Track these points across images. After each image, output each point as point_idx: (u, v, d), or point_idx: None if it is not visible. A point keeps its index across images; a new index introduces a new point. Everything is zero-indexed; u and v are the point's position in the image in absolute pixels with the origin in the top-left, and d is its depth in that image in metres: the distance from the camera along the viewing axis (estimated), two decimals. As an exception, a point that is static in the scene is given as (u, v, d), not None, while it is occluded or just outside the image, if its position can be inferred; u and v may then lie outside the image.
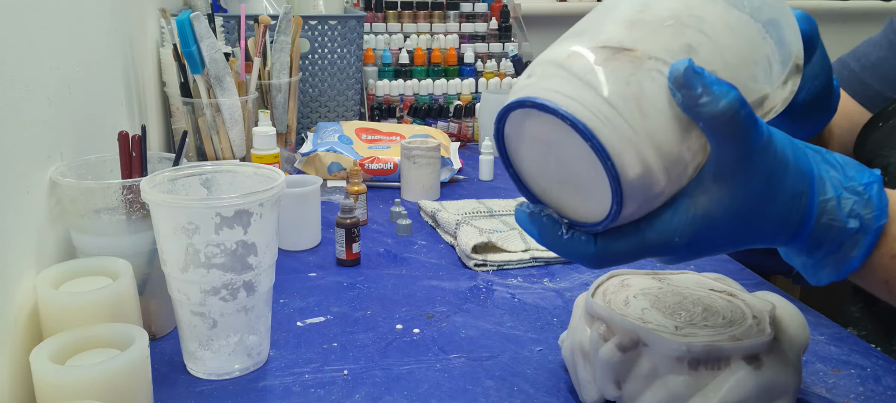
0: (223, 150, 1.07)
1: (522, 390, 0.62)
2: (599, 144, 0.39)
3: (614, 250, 0.44)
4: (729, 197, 0.42)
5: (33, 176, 0.63)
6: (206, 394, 0.61)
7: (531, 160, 0.46)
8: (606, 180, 0.41)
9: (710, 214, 0.42)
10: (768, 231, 0.44)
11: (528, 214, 0.47)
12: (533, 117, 0.43)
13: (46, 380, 0.51)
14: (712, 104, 0.39)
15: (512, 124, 0.45)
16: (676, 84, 0.39)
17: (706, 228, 0.42)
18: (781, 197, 0.43)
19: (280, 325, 0.73)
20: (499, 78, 1.59)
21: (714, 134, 0.40)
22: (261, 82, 1.23)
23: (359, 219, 0.88)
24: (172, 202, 0.59)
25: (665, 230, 0.42)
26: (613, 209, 0.41)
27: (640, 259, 0.45)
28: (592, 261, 0.45)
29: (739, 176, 0.41)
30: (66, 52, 0.74)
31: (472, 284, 0.84)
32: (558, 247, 0.46)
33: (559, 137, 0.42)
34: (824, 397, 0.61)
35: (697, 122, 0.40)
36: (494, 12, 1.65)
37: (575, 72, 0.41)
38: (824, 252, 0.45)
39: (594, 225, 0.44)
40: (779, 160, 0.42)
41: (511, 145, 0.47)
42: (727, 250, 0.45)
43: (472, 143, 1.55)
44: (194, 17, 1.00)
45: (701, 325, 0.56)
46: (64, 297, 0.59)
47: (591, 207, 0.44)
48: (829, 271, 0.46)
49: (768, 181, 0.42)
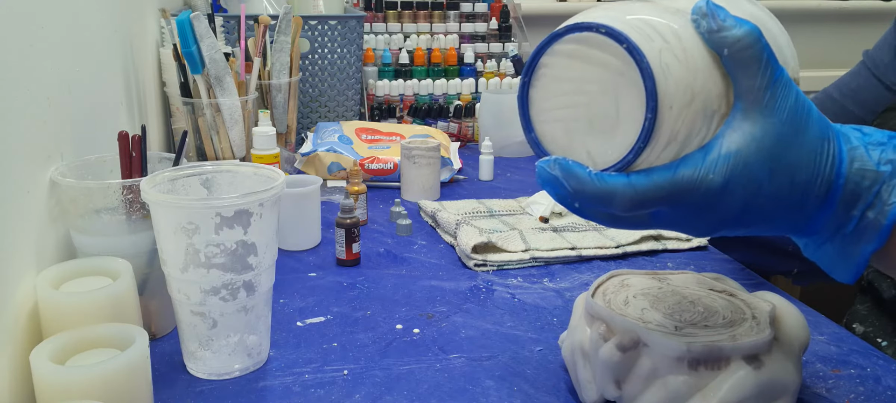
0: (223, 150, 1.07)
1: (522, 390, 0.62)
2: (635, 47, 0.41)
3: (645, 186, 0.42)
4: (759, 130, 0.42)
5: (33, 176, 0.63)
6: (206, 394, 0.61)
7: (559, 106, 0.46)
8: (641, 100, 0.42)
9: (741, 151, 0.42)
10: (802, 177, 0.43)
11: (551, 161, 0.45)
12: (564, 55, 0.45)
13: (46, 380, 0.51)
14: (734, 29, 0.42)
15: (544, 69, 0.47)
16: (700, 14, 0.43)
17: (740, 167, 0.42)
18: (809, 137, 0.43)
19: (280, 325, 0.73)
20: (499, 78, 1.59)
21: (737, 63, 0.42)
22: (261, 82, 1.23)
23: (359, 219, 0.88)
24: (172, 202, 0.59)
25: (698, 165, 0.42)
26: (648, 118, 0.41)
27: (673, 204, 0.43)
28: (621, 201, 0.43)
29: (767, 107, 0.42)
30: (66, 52, 0.74)
31: (472, 284, 0.84)
32: (585, 193, 0.44)
33: (592, 67, 0.44)
34: (824, 397, 0.61)
35: (721, 51, 0.42)
36: (494, 12, 1.65)
37: (616, 7, 0.44)
38: (863, 205, 0.44)
39: (625, 155, 0.43)
40: (800, 100, 0.43)
41: (536, 97, 0.47)
42: (764, 203, 0.44)
43: (472, 143, 1.55)
44: (194, 17, 1.00)
45: (701, 325, 0.56)
46: (64, 297, 0.59)
47: (621, 142, 0.43)
48: (869, 235, 0.44)
49: (794, 117, 0.43)
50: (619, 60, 0.43)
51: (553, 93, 0.47)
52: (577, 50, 0.45)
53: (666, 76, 0.41)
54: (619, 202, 0.43)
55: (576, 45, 0.45)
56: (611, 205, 0.44)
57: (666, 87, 0.41)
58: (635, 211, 0.44)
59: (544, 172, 0.45)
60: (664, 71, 0.41)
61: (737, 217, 0.44)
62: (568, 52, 0.45)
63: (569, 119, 0.46)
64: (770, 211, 0.44)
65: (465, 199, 1.12)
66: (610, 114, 0.44)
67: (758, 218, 0.44)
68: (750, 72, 0.42)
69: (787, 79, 0.43)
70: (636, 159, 0.43)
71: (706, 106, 0.43)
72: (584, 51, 0.45)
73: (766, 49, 0.42)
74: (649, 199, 0.43)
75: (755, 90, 0.42)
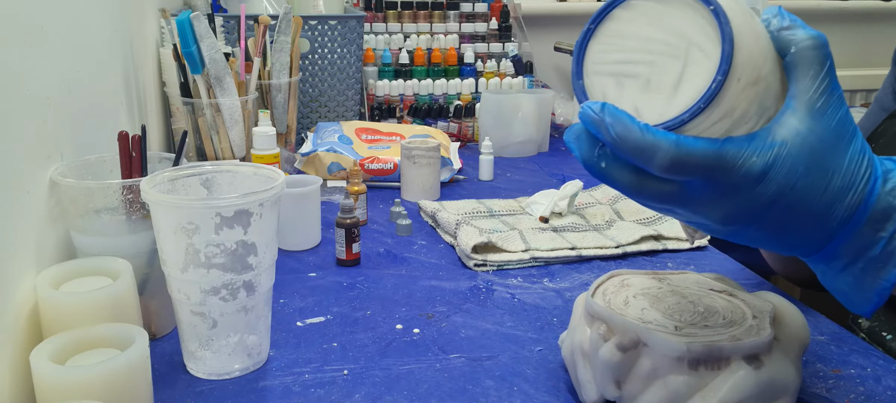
0: (223, 150, 1.07)
1: (522, 390, 0.62)
2: (722, 11, 0.42)
3: (690, 148, 0.42)
4: (806, 128, 0.43)
5: (33, 176, 0.63)
6: (206, 394, 0.61)
7: (617, 61, 0.46)
8: (710, 69, 0.42)
9: (787, 142, 0.43)
10: (837, 183, 0.44)
11: (598, 105, 0.44)
12: (639, 11, 0.46)
13: (46, 380, 0.51)
14: (804, 30, 0.44)
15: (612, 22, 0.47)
16: (773, 14, 0.45)
17: (782, 157, 0.43)
18: (851, 149, 0.44)
19: (280, 325, 0.73)
20: (499, 78, 1.59)
21: (800, 62, 0.44)
22: (261, 82, 1.23)
23: (359, 219, 0.88)
24: (172, 202, 0.59)
25: (744, 146, 0.43)
26: (717, 80, 0.42)
27: (709, 177, 0.43)
28: (663, 158, 0.42)
29: (818, 111, 0.43)
30: (66, 52, 0.74)
31: (472, 284, 0.84)
32: (628, 141, 0.43)
33: (666, 28, 0.45)
34: (824, 397, 0.61)
35: (788, 49, 0.44)
36: (494, 12, 1.65)
37: None
38: (893, 227, 0.44)
39: (681, 113, 0.43)
40: (848, 117, 0.45)
41: (594, 47, 0.47)
42: (795, 201, 0.44)
43: (472, 143, 1.55)
44: (194, 17, 1.00)
45: (701, 325, 0.56)
46: (64, 297, 0.59)
47: (678, 103, 0.44)
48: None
49: (840, 127, 0.44)
50: (696, 27, 0.43)
51: (615, 47, 0.47)
52: (654, 8, 0.45)
53: (741, 48, 0.42)
54: (660, 158, 0.42)
55: (656, 2, 0.45)
56: (650, 161, 0.43)
57: (739, 58, 0.42)
58: (671, 174, 0.43)
59: (589, 114, 0.44)
60: (741, 43, 0.42)
61: (763, 208, 0.44)
62: (644, 8, 0.45)
63: (624, 74, 0.46)
64: (797, 211, 0.44)
65: (465, 199, 1.12)
66: (670, 77, 0.44)
67: (782, 216, 0.44)
68: (810, 72, 0.44)
69: (840, 94, 0.45)
70: (691, 121, 0.43)
71: (764, 97, 0.44)
72: (662, 10, 0.45)
73: (829, 58, 0.44)
74: (690, 164, 0.43)
75: (810, 92, 0.44)
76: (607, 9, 0.47)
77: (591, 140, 0.45)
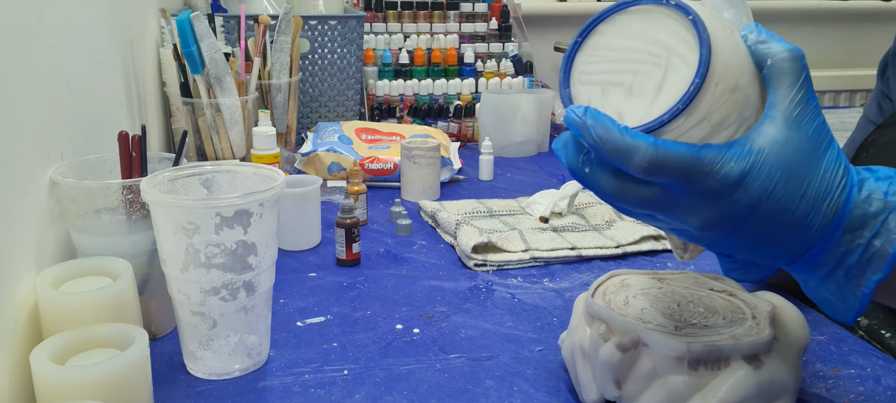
0: (223, 150, 1.07)
1: (522, 390, 0.62)
2: (700, 20, 0.44)
3: (667, 151, 0.43)
4: (783, 137, 0.44)
5: (33, 176, 0.63)
6: (206, 394, 0.61)
7: (602, 70, 0.48)
8: (688, 75, 0.44)
9: (763, 150, 0.44)
10: (814, 190, 0.44)
11: (581, 108, 0.45)
12: (623, 24, 0.48)
13: (46, 380, 0.51)
14: (780, 43, 0.46)
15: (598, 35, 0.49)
16: (750, 30, 0.47)
17: (759, 164, 0.44)
18: (827, 157, 0.45)
19: (280, 325, 0.73)
20: (499, 78, 1.59)
21: (777, 73, 0.45)
22: (261, 82, 1.23)
23: (359, 219, 0.88)
24: (172, 202, 0.59)
25: (722, 151, 0.44)
26: (695, 82, 0.43)
27: (687, 181, 0.44)
28: (641, 159, 0.43)
29: (795, 121, 0.45)
30: (66, 52, 0.74)
31: (472, 284, 0.84)
32: (607, 143, 0.44)
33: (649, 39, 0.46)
34: (824, 397, 0.61)
35: (765, 61, 0.46)
36: (494, 12, 1.65)
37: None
38: (869, 234, 0.45)
39: (660, 115, 0.44)
40: (825, 127, 0.46)
41: (581, 58, 0.49)
42: (773, 208, 0.44)
43: (472, 143, 1.55)
44: (194, 17, 1.00)
45: (701, 325, 0.56)
46: (64, 297, 0.59)
47: (658, 106, 0.45)
48: (875, 264, 0.45)
49: (817, 137, 0.45)
50: (677, 38, 0.45)
51: (601, 58, 0.48)
52: (638, 21, 0.47)
53: (718, 54, 0.44)
54: (639, 159, 0.43)
55: (639, 15, 0.47)
56: (629, 162, 0.44)
57: (717, 63, 0.44)
58: (650, 175, 0.44)
59: (572, 117, 0.45)
60: (718, 50, 0.44)
61: (742, 215, 0.44)
62: (628, 22, 0.47)
63: (608, 82, 0.48)
64: (775, 219, 0.44)
65: (465, 199, 1.12)
66: (652, 83, 0.46)
67: (761, 224, 0.45)
68: (787, 82, 0.45)
69: (817, 105, 0.46)
70: (670, 122, 0.44)
71: (744, 106, 0.45)
72: (644, 23, 0.46)
73: (805, 69, 0.46)
74: (667, 167, 0.43)
75: (788, 102, 0.45)
76: (593, 24, 0.49)
77: (577, 147, 0.47)
